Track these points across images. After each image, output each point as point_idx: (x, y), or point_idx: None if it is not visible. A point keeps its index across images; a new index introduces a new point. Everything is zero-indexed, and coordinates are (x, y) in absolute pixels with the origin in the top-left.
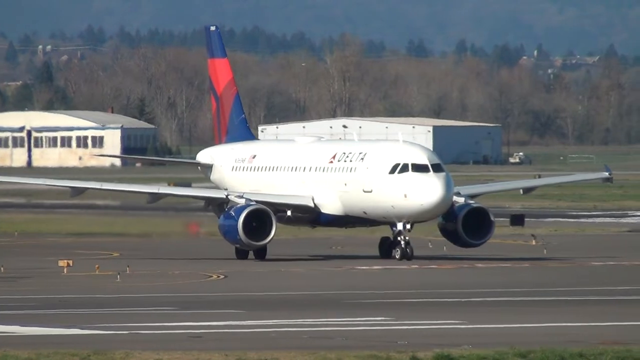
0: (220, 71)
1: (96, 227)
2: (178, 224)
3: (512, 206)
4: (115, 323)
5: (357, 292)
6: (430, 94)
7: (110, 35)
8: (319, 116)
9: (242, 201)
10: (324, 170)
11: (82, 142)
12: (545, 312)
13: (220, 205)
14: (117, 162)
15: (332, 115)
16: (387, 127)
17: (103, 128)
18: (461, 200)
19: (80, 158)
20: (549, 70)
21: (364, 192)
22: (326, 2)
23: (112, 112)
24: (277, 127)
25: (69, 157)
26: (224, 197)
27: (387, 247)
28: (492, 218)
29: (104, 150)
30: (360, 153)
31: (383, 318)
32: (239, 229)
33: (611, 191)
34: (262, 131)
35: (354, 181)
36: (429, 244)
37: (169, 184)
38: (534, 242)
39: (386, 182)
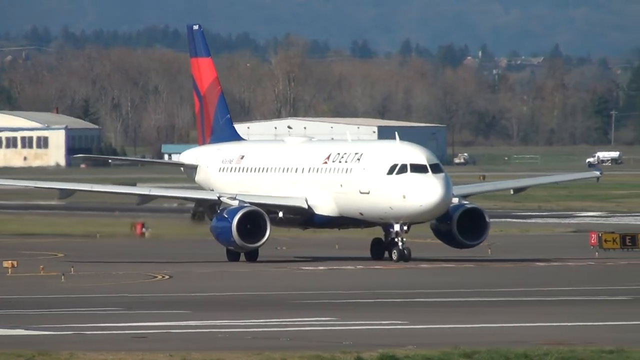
0: (204, 70)
1: (40, 227)
2: (123, 225)
3: None
4: (60, 323)
5: (302, 293)
6: (375, 95)
7: (55, 35)
8: (264, 117)
9: (235, 203)
10: (317, 171)
11: (27, 143)
12: (490, 313)
13: (211, 207)
14: (62, 162)
15: (277, 115)
16: (332, 128)
17: (47, 129)
18: (455, 200)
19: (25, 158)
20: (494, 71)
21: (361, 193)
22: (271, 2)
23: (57, 112)
24: None
25: (14, 158)
26: (216, 198)
27: (379, 249)
28: (487, 219)
29: (49, 151)
30: (356, 153)
31: (328, 318)
32: (233, 231)
33: (556, 192)
34: None
35: (350, 182)
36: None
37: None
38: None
39: (384, 183)
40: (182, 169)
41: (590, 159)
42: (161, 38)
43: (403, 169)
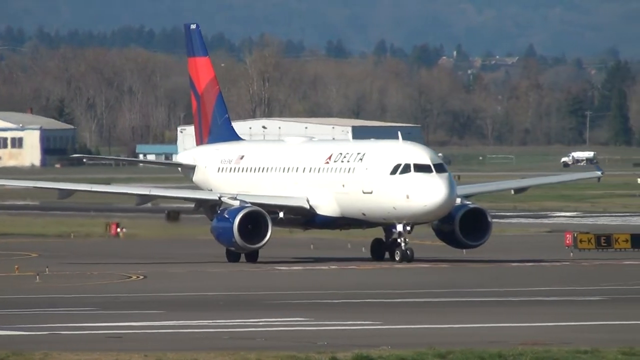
0: (202, 70)
1: (15, 227)
2: (98, 225)
3: None
4: (35, 324)
5: (277, 293)
6: (350, 95)
7: (29, 35)
8: (239, 117)
9: (236, 203)
10: (319, 171)
11: (1, 143)
12: (465, 313)
13: (212, 207)
14: (37, 162)
15: (252, 115)
16: (306, 128)
17: (22, 129)
18: (457, 200)
19: None
20: (469, 71)
21: (364, 193)
22: (245, 2)
23: (32, 113)
24: None
25: None
26: (217, 198)
27: (380, 249)
28: (489, 219)
29: (23, 151)
30: (358, 153)
31: (303, 319)
32: (234, 232)
33: (531, 192)
34: (182, 132)
35: (352, 182)
36: (348, 245)
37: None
38: None
39: (387, 183)
40: (179, 169)
41: (565, 159)
42: (136, 38)
43: (407, 168)
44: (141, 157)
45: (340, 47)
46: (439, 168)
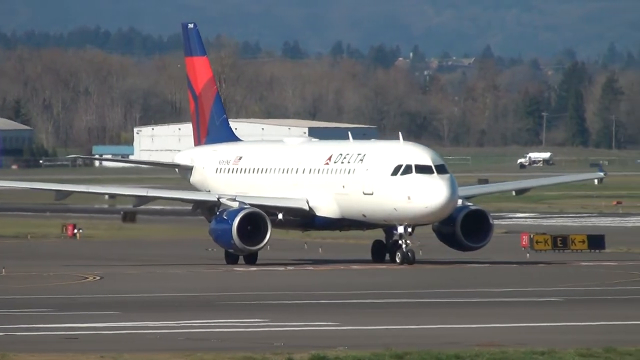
0: (199, 70)
1: None
2: (54, 226)
3: None
4: None
5: (233, 294)
6: (306, 96)
7: None
8: None
9: (235, 204)
10: (319, 172)
11: None
12: (422, 314)
13: (210, 209)
14: None
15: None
16: (263, 129)
17: None
18: (458, 202)
19: None
20: (425, 72)
21: (364, 194)
22: (202, 3)
23: None
24: (152, 129)
25: None
26: (216, 199)
27: (381, 251)
28: (491, 221)
29: None
30: (358, 154)
31: (259, 320)
32: (233, 233)
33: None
34: (138, 133)
35: (353, 183)
36: (305, 245)
37: None
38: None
39: (388, 184)
40: (176, 170)
41: (522, 160)
42: (92, 39)
43: (408, 169)
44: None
45: (297, 48)
46: (441, 169)
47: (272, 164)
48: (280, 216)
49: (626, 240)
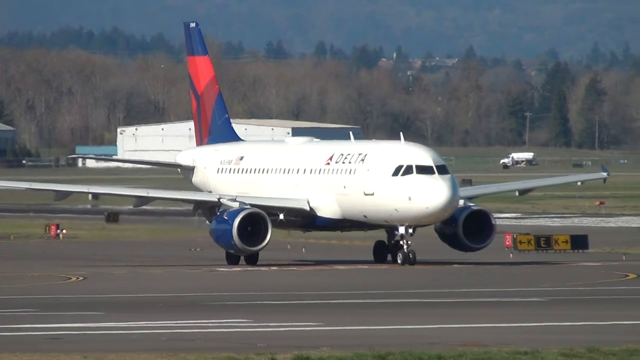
0: (201, 69)
1: None
2: (37, 226)
3: None
4: None
5: (217, 294)
6: (289, 96)
7: None
8: (178, 118)
9: (235, 204)
10: (320, 172)
11: None
12: (405, 314)
13: (211, 209)
14: None
15: (191, 117)
16: (246, 129)
17: None
18: (460, 202)
19: None
20: (408, 72)
21: (365, 194)
22: (185, 3)
23: None
24: (136, 129)
25: None
26: (216, 200)
27: (383, 252)
28: (493, 221)
29: None
30: (359, 154)
31: (242, 320)
32: (233, 234)
33: (470, 193)
34: (121, 133)
35: (353, 183)
36: (288, 246)
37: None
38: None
39: (389, 185)
40: (179, 170)
41: (505, 160)
42: (75, 39)
43: (409, 170)
44: (80, 159)
45: (280, 48)
46: (442, 169)
47: (273, 164)
48: (281, 216)
49: (609, 240)
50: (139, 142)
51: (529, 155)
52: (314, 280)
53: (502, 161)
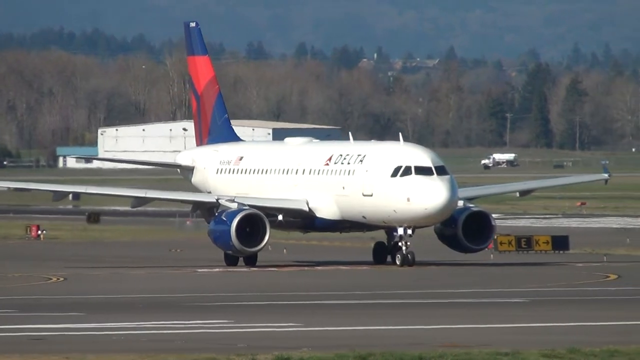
0: (201, 69)
1: None
2: (18, 227)
3: None
4: None
5: (197, 295)
6: (270, 97)
7: None
8: (159, 119)
9: (234, 205)
10: (319, 173)
11: None
12: (385, 315)
13: (209, 210)
14: None
15: (172, 117)
16: None
17: None
18: (460, 203)
19: None
20: (389, 73)
21: (364, 195)
22: (166, 3)
23: None
24: (116, 130)
25: None
26: (214, 201)
27: (382, 253)
28: (492, 222)
29: None
30: (358, 155)
31: (223, 321)
32: (231, 235)
33: None
34: (102, 134)
35: (352, 184)
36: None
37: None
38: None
39: (388, 186)
40: (178, 170)
41: (486, 161)
42: (56, 40)
43: (407, 171)
44: (61, 159)
45: (261, 49)
46: (440, 170)
47: (272, 164)
48: (280, 217)
49: (590, 241)
50: (120, 143)
51: (510, 156)
52: (299, 280)
53: (482, 162)
